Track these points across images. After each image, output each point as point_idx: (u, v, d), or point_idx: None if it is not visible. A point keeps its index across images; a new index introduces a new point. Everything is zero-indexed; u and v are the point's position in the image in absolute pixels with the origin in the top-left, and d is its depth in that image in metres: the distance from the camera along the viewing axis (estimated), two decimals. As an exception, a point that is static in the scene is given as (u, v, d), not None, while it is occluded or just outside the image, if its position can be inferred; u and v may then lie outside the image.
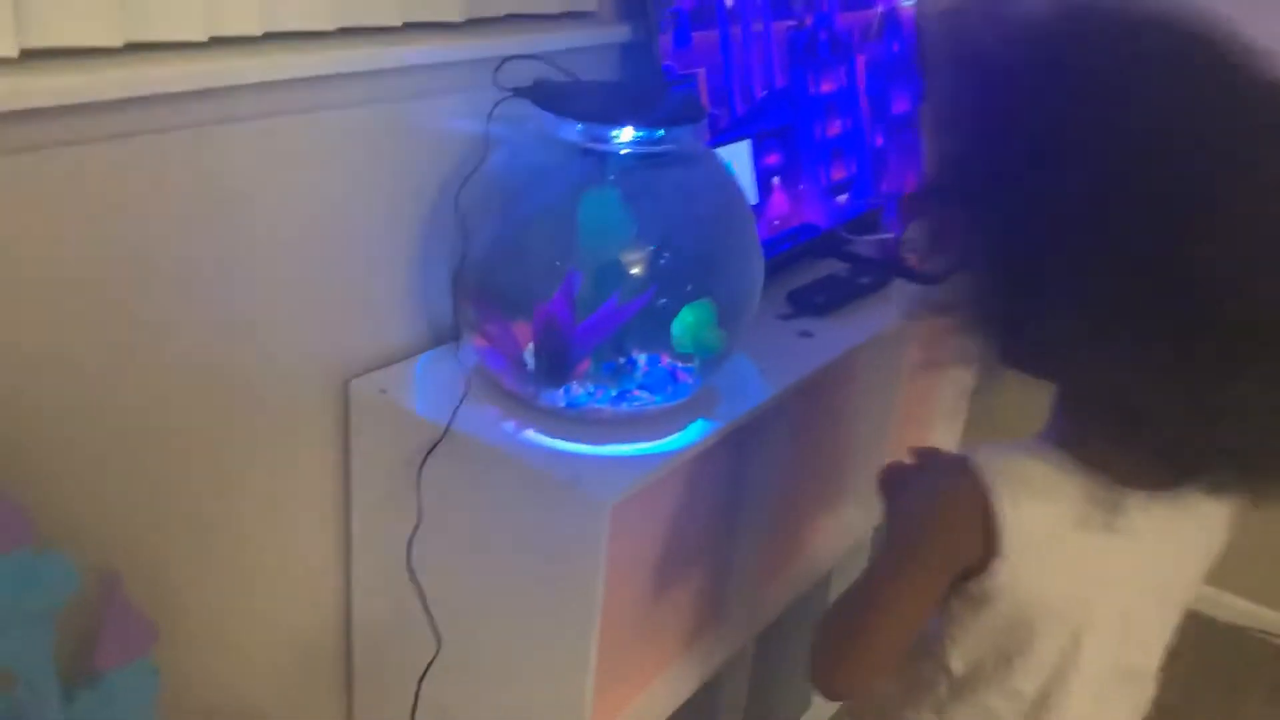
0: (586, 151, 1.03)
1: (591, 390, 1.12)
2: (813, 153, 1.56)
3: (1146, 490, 0.80)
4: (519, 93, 1.02)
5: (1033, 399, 0.85)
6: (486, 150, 1.04)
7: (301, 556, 1.23)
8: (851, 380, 1.44)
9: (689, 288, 1.09)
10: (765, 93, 1.44)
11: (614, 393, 1.12)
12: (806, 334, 1.39)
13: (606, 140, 1.01)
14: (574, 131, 1.01)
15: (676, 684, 1.26)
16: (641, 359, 1.15)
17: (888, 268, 1.55)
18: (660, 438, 1.09)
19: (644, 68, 1.33)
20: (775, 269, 1.47)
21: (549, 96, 1.01)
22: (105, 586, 0.99)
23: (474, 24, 1.21)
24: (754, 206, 1.42)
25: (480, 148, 1.11)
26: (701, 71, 1.30)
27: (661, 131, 1.00)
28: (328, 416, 1.18)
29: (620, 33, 1.37)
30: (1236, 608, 2.01)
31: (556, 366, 1.08)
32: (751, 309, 1.15)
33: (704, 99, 1.30)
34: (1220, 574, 2.07)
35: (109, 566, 1.01)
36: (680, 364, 1.15)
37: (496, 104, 1.03)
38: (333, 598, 1.28)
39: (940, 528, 0.84)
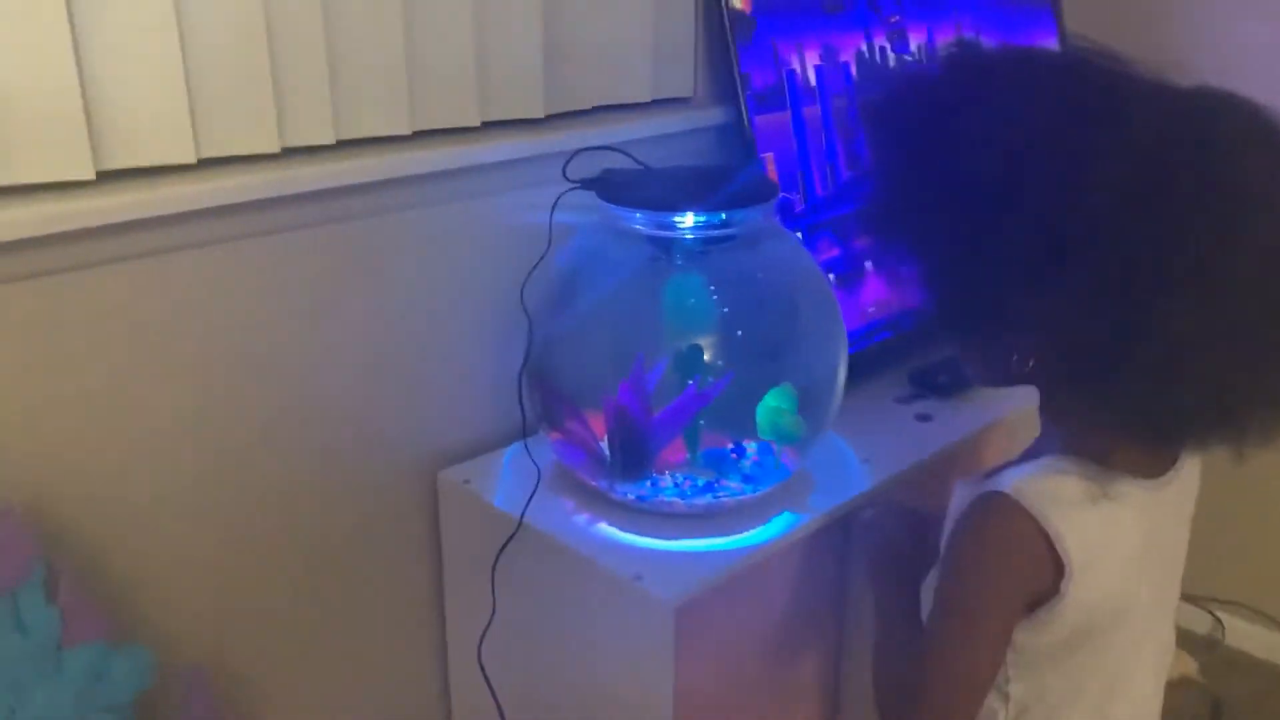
0: (652, 239, 1.01)
1: (680, 481, 1.08)
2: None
3: (1146, 477, 0.84)
4: (584, 184, 1.02)
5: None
6: (550, 243, 1.04)
7: (398, 648, 1.24)
8: (975, 467, 1.33)
9: (765, 373, 1.04)
10: (853, 171, 1.39)
11: (701, 483, 1.08)
12: (925, 417, 1.30)
13: (671, 227, 0.99)
14: (635, 220, 1.00)
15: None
16: (752, 447, 1.11)
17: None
18: (741, 531, 1.04)
19: (738, 151, 1.31)
20: (894, 353, 1.40)
21: (609, 186, 1.00)
22: (189, 682, 1.02)
23: (559, 118, 1.23)
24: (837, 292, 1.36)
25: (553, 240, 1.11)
26: (770, 156, 1.27)
27: (723, 215, 0.97)
28: (419, 507, 1.20)
29: (714, 116, 1.36)
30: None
31: (632, 459, 1.05)
32: (835, 392, 1.09)
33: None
34: None
35: (198, 662, 1.04)
36: (772, 451, 1.10)
37: (560, 196, 1.03)
38: (433, 689, 1.28)
39: (1008, 565, 0.83)
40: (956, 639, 0.83)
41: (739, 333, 1.05)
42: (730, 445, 1.11)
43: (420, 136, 1.10)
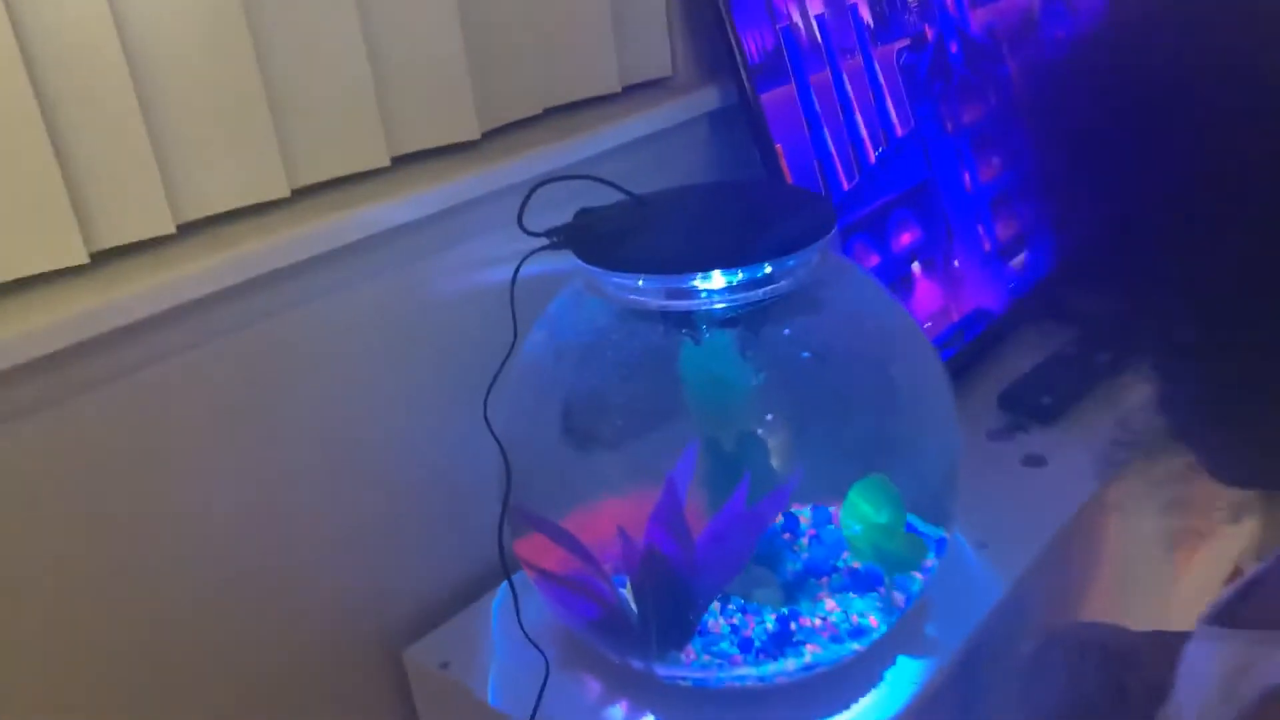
0: (664, 311, 0.68)
1: (739, 620, 0.76)
2: (965, 211, 1.16)
3: None
4: (554, 243, 0.69)
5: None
6: (516, 333, 0.71)
7: None
8: (1139, 531, 1.01)
9: (846, 468, 0.73)
10: (881, 149, 1.06)
11: (771, 623, 0.76)
12: (1036, 461, 0.97)
13: (691, 293, 0.66)
14: (638, 289, 0.66)
15: None
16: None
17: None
18: (843, 707, 0.72)
19: (743, 145, 0.98)
20: (966, 371, 1.08)
21: (591, 242, 0.67)
22: None
23: (501, 135, 0.89)
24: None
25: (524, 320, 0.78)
26: (778, 148, 0.94)
27: (768, 268, 0.64)
28: (385, 702, 0.87)
29: (704, 99, 1.03)
30: None
31: (674, 622, 0.73)
32: (952, 478, 0.78)
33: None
34: None
35: None
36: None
37: (521, 262, 0.69)
38: None
39: None
40: None
41: (799, 419, 0.73)
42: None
43: (301, 196, 0.76)
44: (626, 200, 0.74)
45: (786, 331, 0.71)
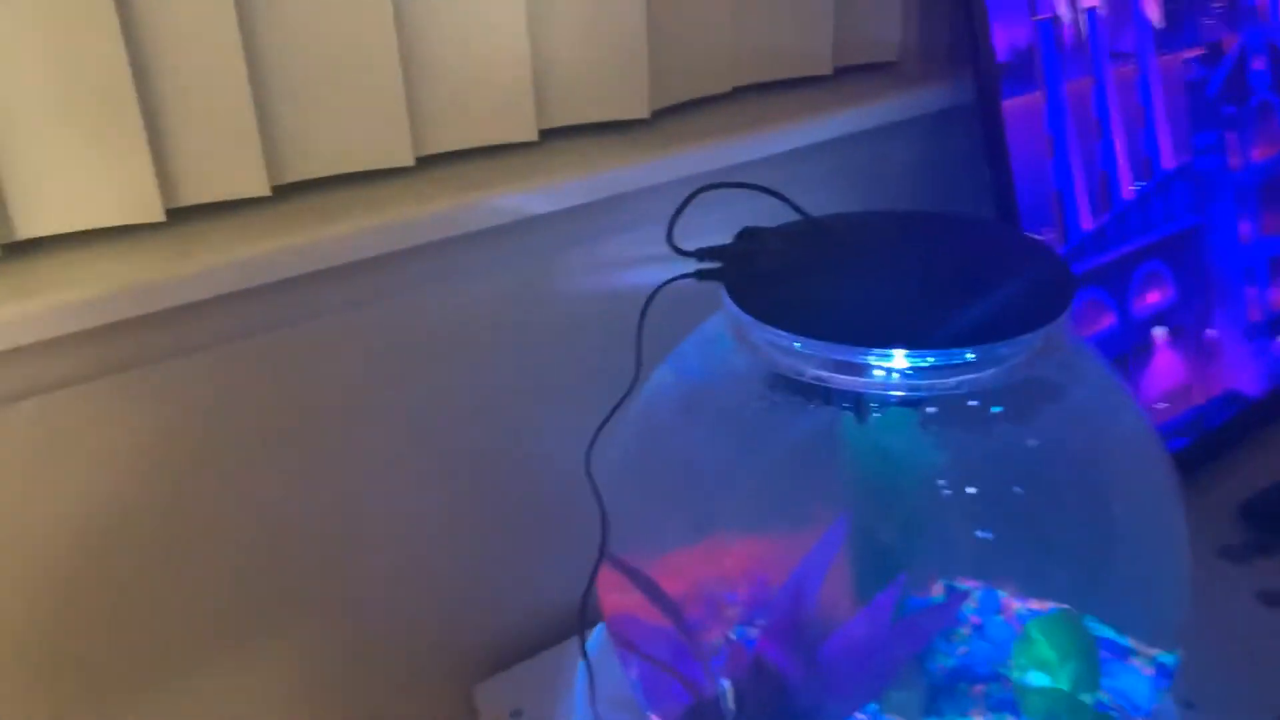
0: (816, 380, 0.54)
1: None
2: (1233, 268, 0.94)
3: None
4: (699, 273, 0.55)
5: None
6: (638, 371, 0.58)
7: None
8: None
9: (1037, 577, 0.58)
10: (1141, 184, 0.86)
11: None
12: (1275, 599, 0.77)
13: (860, 370, 0.52)
14: (799, 353, 0.52)
15: None
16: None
17: None
18: None
19: (969, 161, 0.81)
20: (1200, 468, 0.89)
21: (745, 283, 0.53)
22: None
23: (675, 114, 0.76)
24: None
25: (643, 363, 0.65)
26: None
27: (970, 354, 0.49)
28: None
29: (933, 95, 0.86)
30: None
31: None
32: (1173, 625, 0.60)
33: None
34: None
35: None
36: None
37: (655, 292, 0.56)
38: None
39: None
40: None
41: (982, 518, 0.58)
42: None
43: (427, 164, 0.65)
44: (801, 222, 0.59)
45: (983, 425, 0.55)
